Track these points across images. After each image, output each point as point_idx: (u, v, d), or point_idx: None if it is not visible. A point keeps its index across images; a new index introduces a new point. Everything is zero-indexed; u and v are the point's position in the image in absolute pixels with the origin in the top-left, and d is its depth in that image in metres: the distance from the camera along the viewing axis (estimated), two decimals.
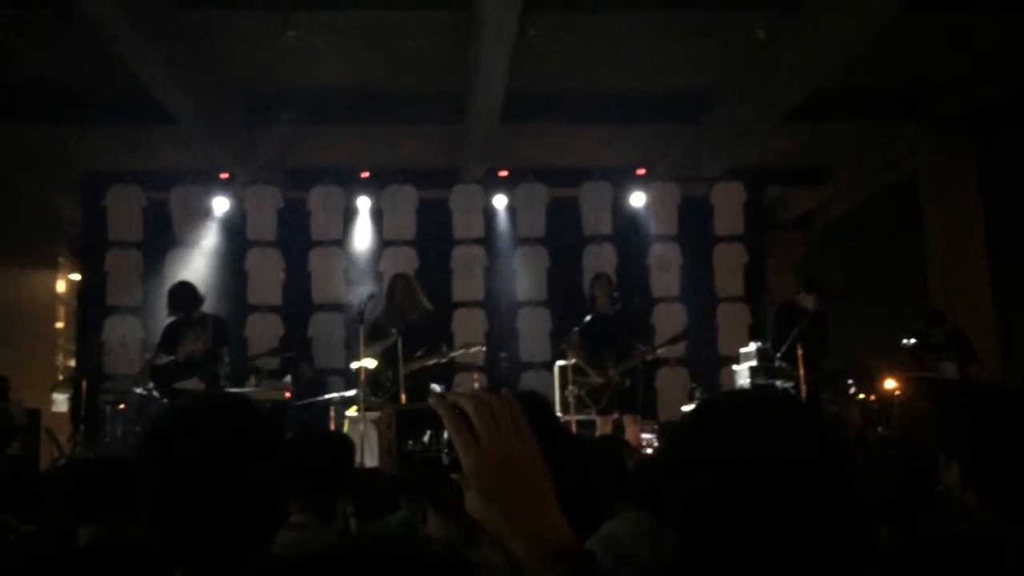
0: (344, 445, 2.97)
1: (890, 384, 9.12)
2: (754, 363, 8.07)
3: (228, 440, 1.27)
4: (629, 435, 7.07)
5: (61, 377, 12.49)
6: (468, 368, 9.43)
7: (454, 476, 0.99)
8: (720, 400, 1.21)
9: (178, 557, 1.24)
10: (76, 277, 11.75)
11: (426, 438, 1.01)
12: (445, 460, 1.00)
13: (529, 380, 9.79)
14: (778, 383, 7.30)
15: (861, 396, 7.54)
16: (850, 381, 7.39)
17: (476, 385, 9.07)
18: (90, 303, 10.14)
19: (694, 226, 10.45)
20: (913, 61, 8.51)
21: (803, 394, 6.90)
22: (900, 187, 11.08)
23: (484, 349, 8.41)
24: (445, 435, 1.00)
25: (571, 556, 0.94)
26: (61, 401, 11.44)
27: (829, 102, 9.03)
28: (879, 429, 7.32)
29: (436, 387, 7.49)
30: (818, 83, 8.29)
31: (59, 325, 13.10)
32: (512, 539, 0.95)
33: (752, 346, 8.35)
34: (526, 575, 0.95)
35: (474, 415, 0.98)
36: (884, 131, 10.16)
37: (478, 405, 0.99)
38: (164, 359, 7.04)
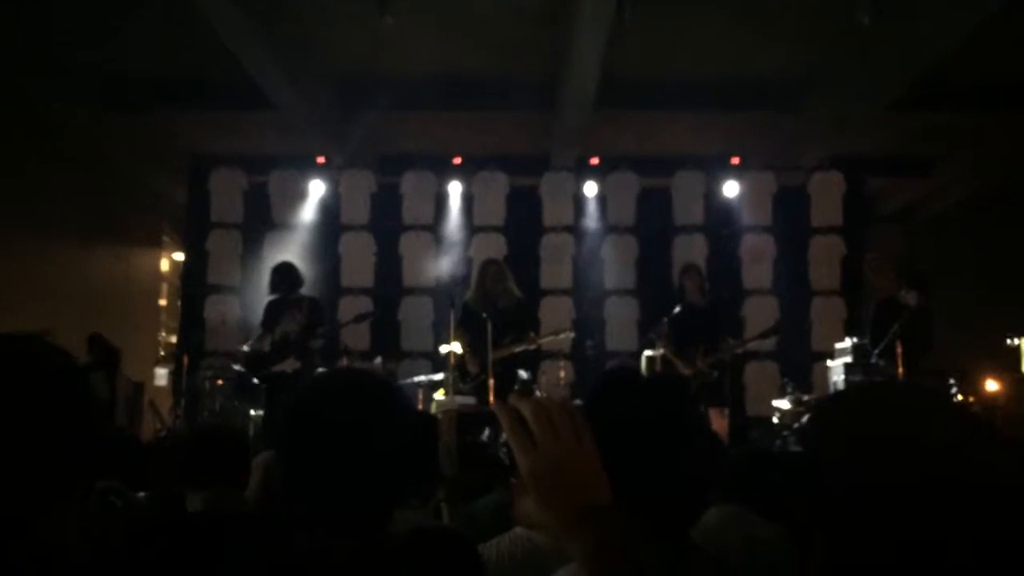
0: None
1: (992, 386, 8.76)
2: (849, 359, 7.85)
3: (361, 414, 1.30)
4: (715, 428, 6.97)
5: (163, 352, 13.04)
6: (554, 356, 9.44)
7: (512, 480, 1.00)
8: (875, 392, 1.11)
9: (303, 523, 1.28)
10: (179, 256, 12.21)
11: (485, 436, 1.02)
12: (505, 460, 1.01)
13: None
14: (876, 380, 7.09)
15: (961, 398, 7.26)
16: (951, 381, 7.12)
17: (562, 373, 9.07)
18: (192, 282, 10.50)
19: (789, 217, 10.20)
20: (1022, 50, 8.10)
21: None
22: (1008, 180, 10.59)
23: (572, 335, 8.41)
24: (503, 436, 1.01)
25: (623, 561, 0.94)
26: (162, 375, 11.95)
27: (935, 92, 8.69)
28: None
29: (523, 373, 7.54)
30: (924, 72, 7.98)
31: (162, 302, 13.65)
32: (566, 542, 0.96)
33: (848, 342, 8.12)
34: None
35: (531, 419, 0.99)
36: (993, 122, 9.71)
37: (536, 410, 0.99)
38: (268, 339, 7.25)
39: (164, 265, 13.78)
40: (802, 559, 1.85)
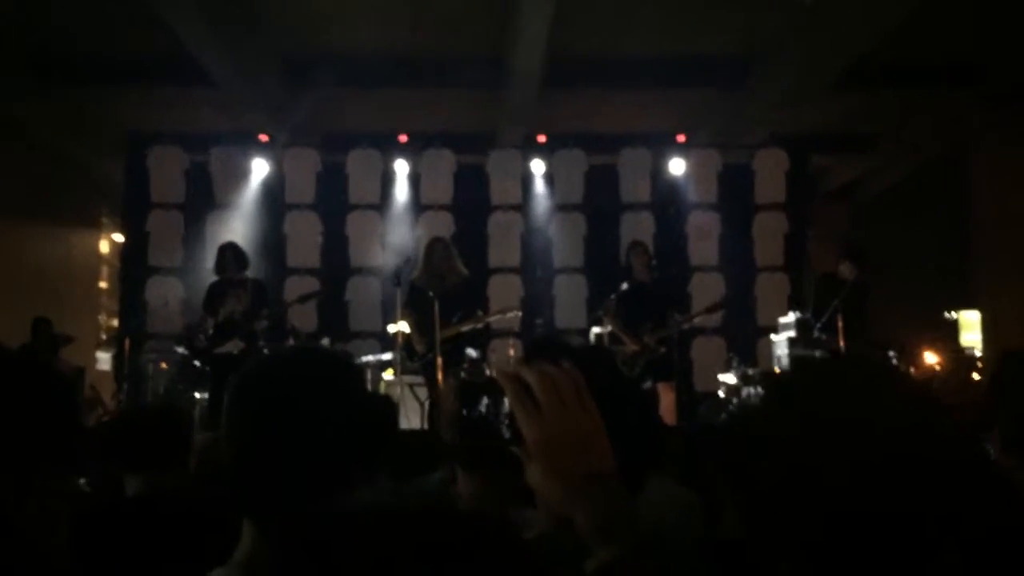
0: (389, 407, 2.97)
1: (931, 358, 9.00)
2: (793, 334, 8.00)
3: (313, 392, 1.27)
4: (664, 403, 7.05)
5: (104, 336, 12.76)
6: (503, 334, 9.45)
7: (514, 449, 0.99)
8: (827, 369, 1.10)
9: (250, 506, 1.24)
10: (119, 238, 11.93)
11: (483, 407, 1.01)
12: (505, 433, 1.00)
13: None
14: (817, 354, 7.23)
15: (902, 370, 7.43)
16: (891, 354, 7.29)
17: (511, 352, 9.08)
18: (133, 263, 10.26)
19: (735, 194, 10.31)
20: (966, 29, 8.26)
21: None
22: (948, 159, 10.84)
23: (520, 315, 8.41)
24: (505, 406, 1.00)
25: (630, 532, 0.94)
26: (104, 360, 11.70)
27: (878, 70, 8.83)
28: None
29: (472, 352, 7.53)
30: (866, 50, 8.10)
31: (102, 285, 13.34)
32: (573, 512, 0.95)
33: (791, 316, 8.27)
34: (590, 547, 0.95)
35: (537, 388, 0.98)
36: (934, 101, 9.91)
37: (542, 378, 0.98)
38: (211, 321, 7.13)
39: (104, 246, 13.45)
40: (711, 525, 1.87)
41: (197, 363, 7.47)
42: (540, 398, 0.97)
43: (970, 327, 10.89)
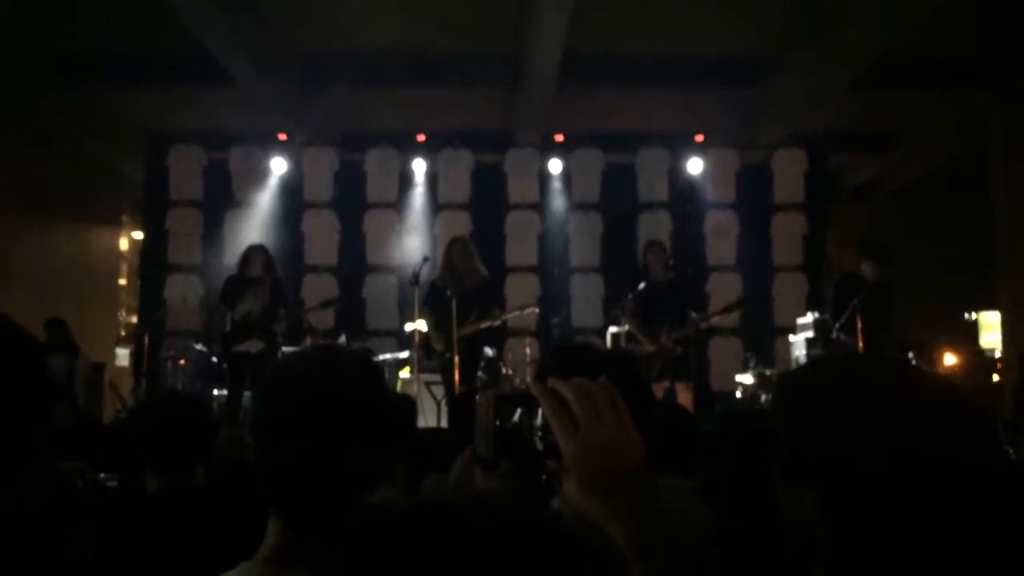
0: (408, 406, 2.99)
1: (950, 360, 8.95)
2: (811, 334, 7.95)
3: (338, 394, 1.28)
4: (681, 402, 7.03)
5: (124, 333, 12.86)
6: (520, 333, 9.45)
7: (550, 463, 0.99)
8: (840, 365, 1.09)
9: (277, 504, 1.25)
10: (139, 235, 12.01)
11: (516, 417, 1.01)
12: (539, 445, 1.00)
13: None
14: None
15: None
16: (910, 355, 7.24)
17: (527, 350, 9.08)
18: (152, 261, 10.34)
19: (753, 194, 10.27)
20: (985, 29, 8.19)
21: None
22: (968, 158, 10.75)
23: (537, 311, 8.41)
24: (538, 419, 1.00)
25: (668, 546, 0.94)
26: (123, 356, 11.79)
27: (897, 69, 8.76)
28: None
29: (489, 351, 7.54)
30: (886, 49, 8.04)
31: (122, 282, 13.44)
32: (610, 526, 0.95)
33: (809, 317, 8.23)
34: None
35: (574, 402, 0.98)
36: (954, 100, 9.84)
37: (578, 393, 0.98)
38: (228, 315, 7.14)
39: (123, 244, 13.56)
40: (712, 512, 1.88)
41: (215, 360, 7.50)
42: (576, 412, 0.98)
43: (990, 328, 10.82)
